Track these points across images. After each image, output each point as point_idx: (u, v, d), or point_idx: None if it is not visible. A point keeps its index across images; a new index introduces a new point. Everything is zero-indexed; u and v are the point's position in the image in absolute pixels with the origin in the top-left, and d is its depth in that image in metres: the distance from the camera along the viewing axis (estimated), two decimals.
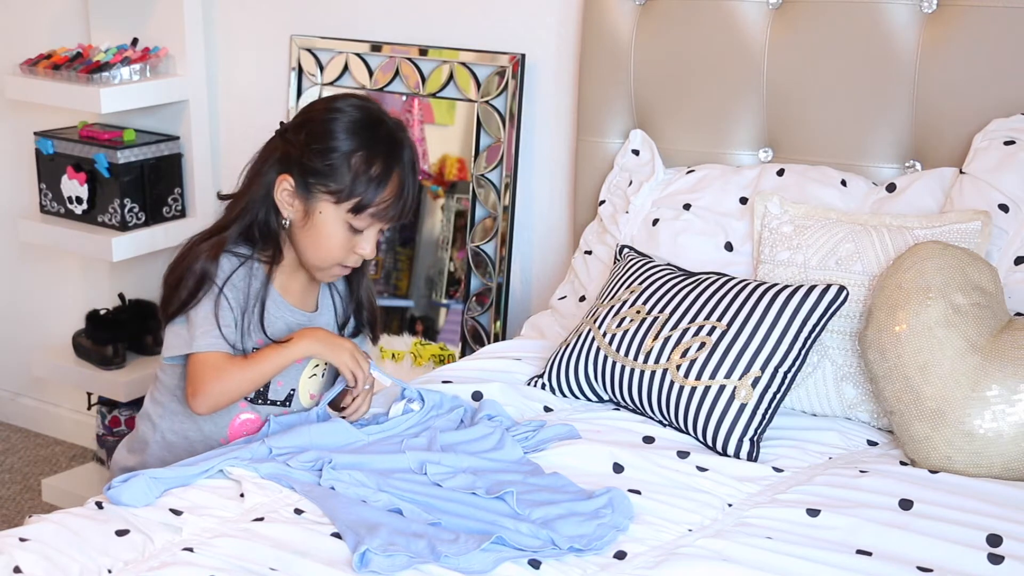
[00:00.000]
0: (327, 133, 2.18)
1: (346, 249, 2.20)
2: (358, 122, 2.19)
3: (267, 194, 2.21)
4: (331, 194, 2.16)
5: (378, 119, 2.22)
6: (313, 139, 2.18)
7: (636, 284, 2.39)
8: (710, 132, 2.68)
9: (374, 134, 2.18)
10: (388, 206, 2.18)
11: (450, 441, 2.12)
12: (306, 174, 2.18)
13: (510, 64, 2.96)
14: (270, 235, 2.22)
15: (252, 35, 3.39)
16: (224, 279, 2.18)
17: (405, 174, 2.19)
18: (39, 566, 1.75)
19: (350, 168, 2.15)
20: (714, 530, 1.91)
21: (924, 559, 1.80)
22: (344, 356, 2.19)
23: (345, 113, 2.19)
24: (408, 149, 2.22)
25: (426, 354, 3.08)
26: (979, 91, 2.41)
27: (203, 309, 2.17)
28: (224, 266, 2.19)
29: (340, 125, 2.18)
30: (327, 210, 2.18)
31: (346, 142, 2.17)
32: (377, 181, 2.16)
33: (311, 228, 2.19)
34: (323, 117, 2.20)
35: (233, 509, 1.92)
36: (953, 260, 2.15)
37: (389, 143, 2.19)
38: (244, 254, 2.21)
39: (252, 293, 2.20)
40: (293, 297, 2.27)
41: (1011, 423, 2.04)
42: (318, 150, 2.17)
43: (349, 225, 2.18)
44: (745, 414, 2.17)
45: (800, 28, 2.57)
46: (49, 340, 3.86)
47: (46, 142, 3.42)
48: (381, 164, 2.17)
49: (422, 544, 1.79)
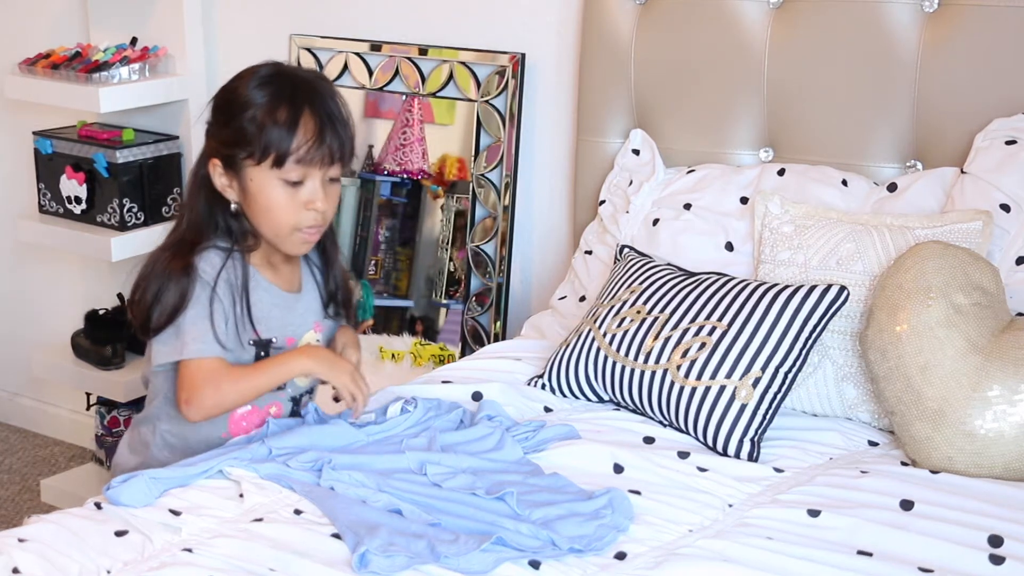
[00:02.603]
0: (232, 102, 2.15)
1: (294, 209, 2.14)
2: (258, 80, 2.14)
3: (208, 188, 2.18)
4: (250, 158, 2.11)
5: (281, 72, 2.17)
6: (221, 112, 2.16)
7: (636, 284, 2.39)
8: (710, 132, 2.68)
9: (276, 86, 2.13)
10: (310, 148, 2.10)
11: (450, 441, 2.12)
12: (226, 149, 2.14)
13: (510, 64, 2.95)
14: (231, 227, 2.18)
15: (252, 35, 3.38)
16: (215, 275, 2.15)
17: (320, 113, 2.12)
18: (38, 566, 1.75)
19: (257, 124, 2.10)
20: (714, 530, 1.90)
21: (925, 560, 1.80)
22: (344, 378, 2.17)
23: (245, 77, 2.16)
24: (319, 90, 2.14)
25: (426, 354, 3.08)
26: (980, 90, 2.41)
27: (192, 312, 2.13)
28: (207, 264, 2.16)
29: (241, 90, 2.14)
30: (255, 175, 2.13)
31: (248, 102, 2.12)
32: (287, 126, 2.09)
33: (252, 201, 2.15)
34: (228, 88, 2.18)
35: (232, 509, 1.92)
36: (954, 260, 2.15)
37: (292, 88, 2.13)
38: (225, 247, 2.18)
39: (238, 286, 2.17)
40: (280, 280, 2.24)
41: (1012, 423, 2.04)
42: (225, 120, 2.15)
43: (283, 182, 2.12)
44: (745, 414, 2.16)
45: (800, 28, 2.56)
46: (48, 340, 3.86)
47: (45, 142, 3.42)
48: (286, 109, 2.10)
49: (422, 544, 1.79)
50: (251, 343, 2.19)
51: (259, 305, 2.19)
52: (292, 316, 2.24)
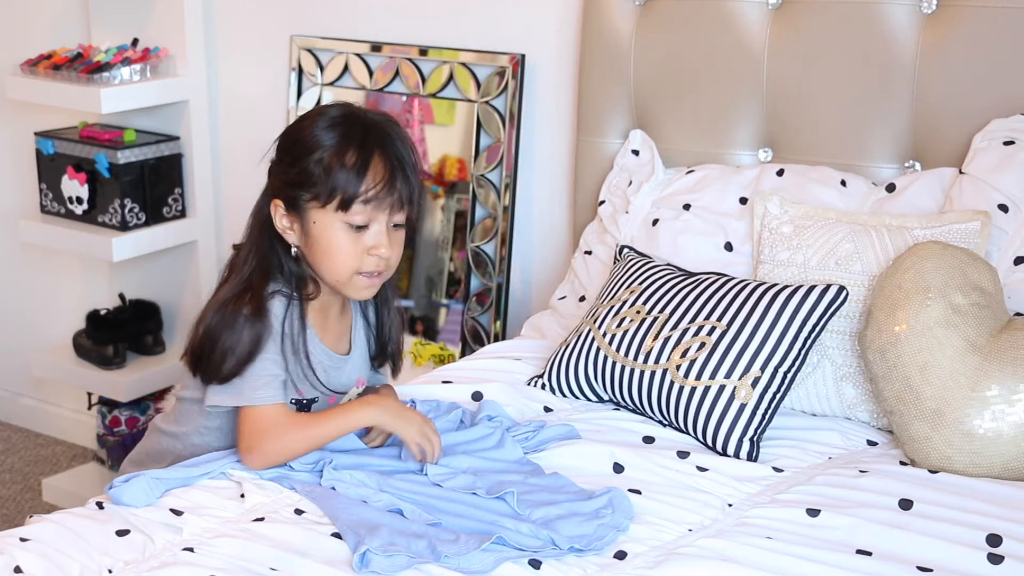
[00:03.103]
0: (299, 141, 2.08)
1: (356, 253, 2.06)
2: (328, 121, 2.07)
3: (269, 229, 2.10)
4: (315, 199, 2.04)
5: (352, 114, 2.09)
6: (288, 152, 2.09)
7: (636, 284, 2.40)
8: (710, 132, 2.68)
9: (347, 128, 2.06)
10: (379, 192, 2.03)
11: (450, 442, 2.12)
12: (290, 190, 2.06)
13: (510, 64, 2.96)
14: (295, 270, 2.10)
15: (252, 35, 3.39)
16: (281, 321, 2.06)
17: (390, 157, 2.05)
18: (39, 566, 1.76)
19: (324, 167, 2.03)
20: (714, 530, 1.91)
21: (924, 559, 1.80)
22: (412, 431, 2.05)
23: (317, 118, 2.09)
24: (391, 135, 2.07)
25: (426, 354, 3.08)
26: (979, 91, 2.41)
27: (261, 360, 2.05)
28: (275, 310, 2.06)
29: (311, 131, 2.07)
30: (319, 218, 2.05)
31: (317, 143, 2.05)
32: (356, 170, 2.02)
33: (314, 243, 2.07)
34: (296, 127, 2.11)
35: (233, 509, 1.92)
36: (953, 260, 2.15)
37: (363, 132, 2.05)
38: (282, 292, 2.08)
39: (295, 335, 2.08)
40: (330, 338, 2.16)
41: (1011, 423, 2.04)
42: (293, 161, 2.07)
43: (347, 225, 2.05)
44: (745, 414, 2.17)
45: (800, 28, 2.57)
46: (49, 340, 3.87)
47: (46, 142, 3.42)
48: (356, 152, 2.03)
49: (422, 544, 1.79)
50: (294, 400, 2.12)
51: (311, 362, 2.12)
52: (338, 375, 2.17)
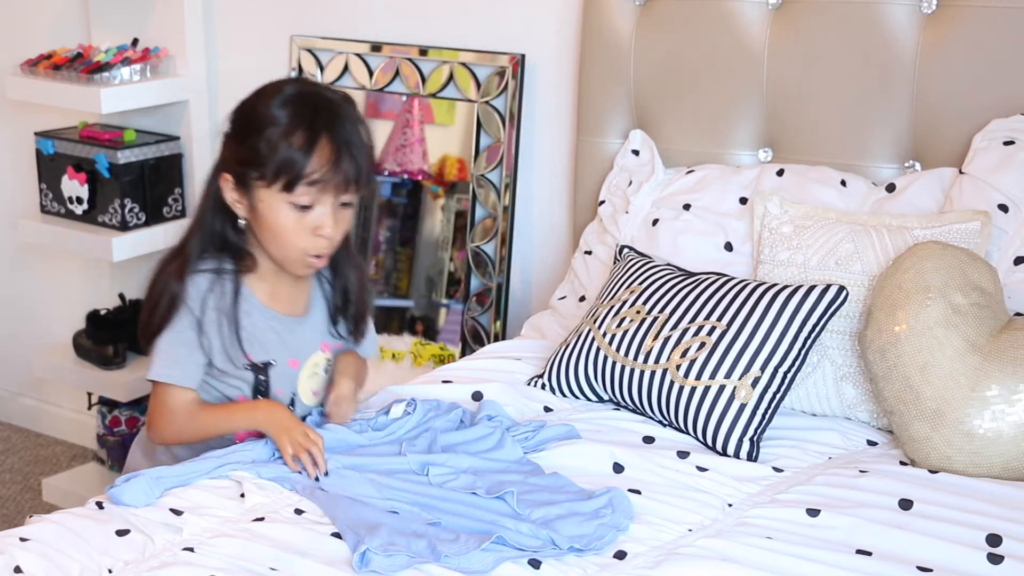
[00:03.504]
0: (250, 119, 2.10)
1: (303, 233, 2.09)
2: (282, 101, 2.08)
3: (218, 200, 2.13)
4: (262, 179, 2.06)
5: (305, 93, 2.10)
6: (239, 129, 2.12)
7: (636, 284, 2.40)
8: (710, 132, 2.68)
9: (297, 108, 2.06)
10: (324, 174, 2.05)
11: (450, 442, 2.12)
12: (238, 167, 2.09)
13: (510, 64, 2.96)
14: (234, 243, 2.15)
15: (252, 35, 3.39)
16: (200, 305, 2.12)
17: (337, 139, 2.05)
18: (39, 566, 1.76)
19: (271, 146, 2.05)
20: (714, 530, 1.91)
21: (924, 559, 1.80)
22: (284, 442, 2.04)
23: (271, 96, 2.09)
24: (341, 116, 2.08)
25: (426, 354, 3.08)
26: (979, 91, 2.41)
27: (168, 336, 2.13)
28: (194, 289, 2.13)
29: (263, 109, 2.08)
30: (265, 197, 2.08)
31: (267, 123, 2.06)
32: (302, 151, 2.04)
33: (261, 221, 2.10)
34: (250, 103, 2.12)
35: (233, 509, 1.92)
36: (953, 260, 2.15)
37: (313, 113, 2.06)
38: (210, 269, 2.14)
39: (227, 309, 2.13)
40: (281, 303, 2.20)
41: (1011, 423, 2.04)
42: (243, 138, 2.10)
43: (293, 205, 2.07)
44: (745, 414, 2.17)
45: (800, 28, 2.57)
46: (49, 340, 3.87)
47: (46, 142, 3.42)
48: (303, 133, 2.04)
49: (422, 544, 1.79)
50: (246, 366, 2.17)
51: (252, 328, 2.16)
52: (294, 338, 2.21)
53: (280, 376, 2.20)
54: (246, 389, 2.19)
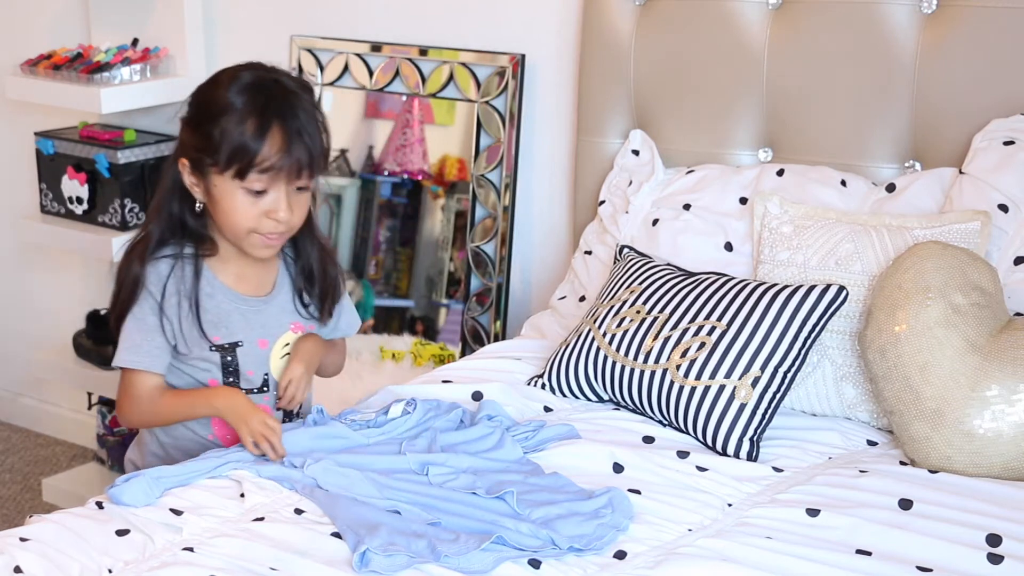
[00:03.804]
0: (206, 106, 2.13)
1: (254, 216, 2.11)
2: (237, 89, 2.11)
3: (178, 184, 2.17)
4: (215, 165, 2.10)
5: (260, 81, 2.13)
6: (193, 114, 2.15)
7: (636, 284, 2.40)
8: (710, 132, 2.68)
9: (250, 96, 2.09)
10: (276, 161, 2.07)
11: (450, 442, 2.12)
12: (195, 152, 2.12)
13: (510, 64, 2.96)
14: (194, 228, 2.19)
15: (252, 35, 3.39)
16: (160, 289, 2.16)
17: (289, 126, 2.08)
18: (39, 566, 1.76)
19: (224, 133, 2.08)
20: (714, 530, 1.91)
21: (924, 559, 1.80)
22: (243, 430, 2.08)
23: (227, 83, 2.12)
24: (294, 104, 2.10)
25: (426, 354, 3.08)
26: (979, 91, 2.41)
27: (130, 322, 2.17)
28: (154, 274, 2.17)
29: (216, 94, 2.12)
30: (219, 182, 2.11)
31: (221, 110, 2.09)
32: (253, 138, 2.07)
33: (215, 204, 2.13)
34: (206, 89, 2.16)
35: (233, 509, 1.92)
36: (953, 260, 2.15)
37: (266, 101, 2.09)
38: (169, 254, 2.18)
39: (186, 293, 2.17)
40: (246, 284, 2.22)
41: (1011, 423, 2.04)
42: (198, 124, 2.13)
43: (246, 190, 2.10)
44: (745, 414, 2.17)
45: (800, 28, 2.57)
46: (50, 340, 3.87)
47: (46, 142, 3.42)
48: (255, 120, 2.07)
49: (422, 544, 1.79)
50: (212, 348, 2.19)
51: (215, 310, 2.18)
52: (261, 319, 2.23)
53: (249, 357, 2.22)
54: (215, 371, 2.21)
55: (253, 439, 2.07)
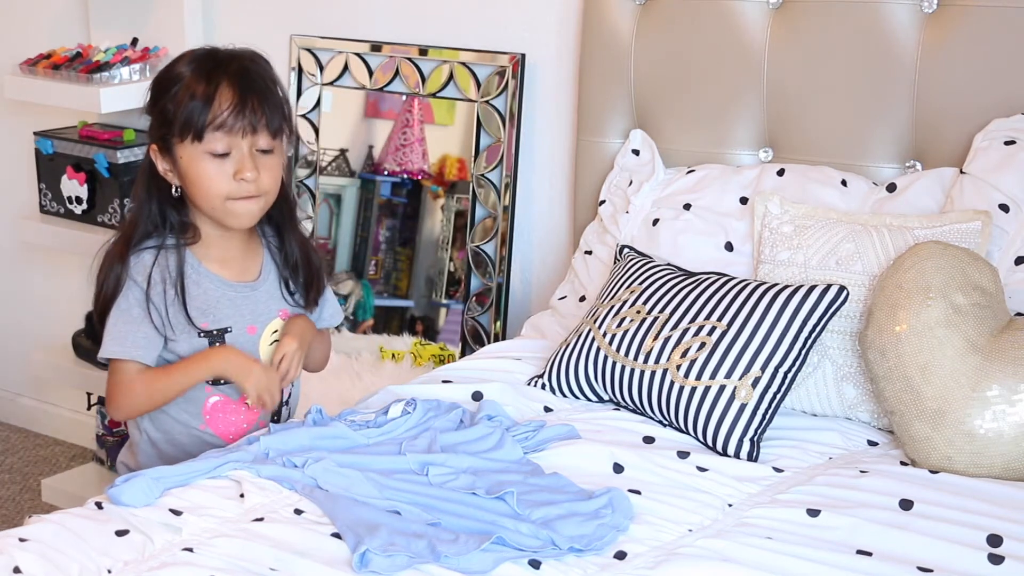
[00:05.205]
0: (160, 83, 2.19)
1: (224, 179, 2.15)
2: (187, 61, 2.17)
3: (152, 175, 2.21)
4: (177, 136, 2.14)
5: (210, 51, 2.19)
6: (151, 97, 2.20)
7: (636, 284, 2.39)
8: (710, 132, 2.68)
9: (199, 64, 2.16)
10: (226, 118, 2.12)
11: (450, 442, 2.12)
12: (157, 131, 2.18)
13: (510, 64, 2.96)
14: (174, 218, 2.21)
15: (252, 35, 3.37)
16: (145, 278, 2.18)
17: (239, 85, 2.14)
18: (39, 566, 1.75)
19: (177, 101, 2.13)
20: (714, 530, 1.91)
21: (924, 559, 1.80)
22: (249, 382, 2.17)
23: (178, 60, 2.19)
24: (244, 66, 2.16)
25: (426, 354, 3.08)
26: (979, 91, 2.41)
27: (115, 314, 2.18)
28: (138, 264, 2.19)
29: (170, 71, 2.18)
30: (183, 152, 2.15)
31: (172, 81, 2.16)
32: (203, 99, 2.12)
33: (185, 178, 2.17)
34: (161, 72, 2.22)
35: (233, 509, 1.92)
36: (953, 260, 2.15)
37: (214, 64, 2.16)
38: (152, 245, 2.21)
39: (171, 281, 2.19)
40: (232, 270, 2.25)
41: (1012, 423, 2.04)
42: (154, 103, 2.18)
43: (209, 154, 2.14)
44: (745, 414, 2.17)
45: (800, 28, 2.57)
46: (49, 340, 3.86)
47: (46, 142, 3.42)
48: (203, 82, 2.13)
49: (422, 544, 1.79)
50: (200, 335, 2.21)
51: (203, 297, 2.21)
52: (249, 305, 2.25)
53: (238, 343, 2.23)
54: None
55: (259, 395, 2.16)
